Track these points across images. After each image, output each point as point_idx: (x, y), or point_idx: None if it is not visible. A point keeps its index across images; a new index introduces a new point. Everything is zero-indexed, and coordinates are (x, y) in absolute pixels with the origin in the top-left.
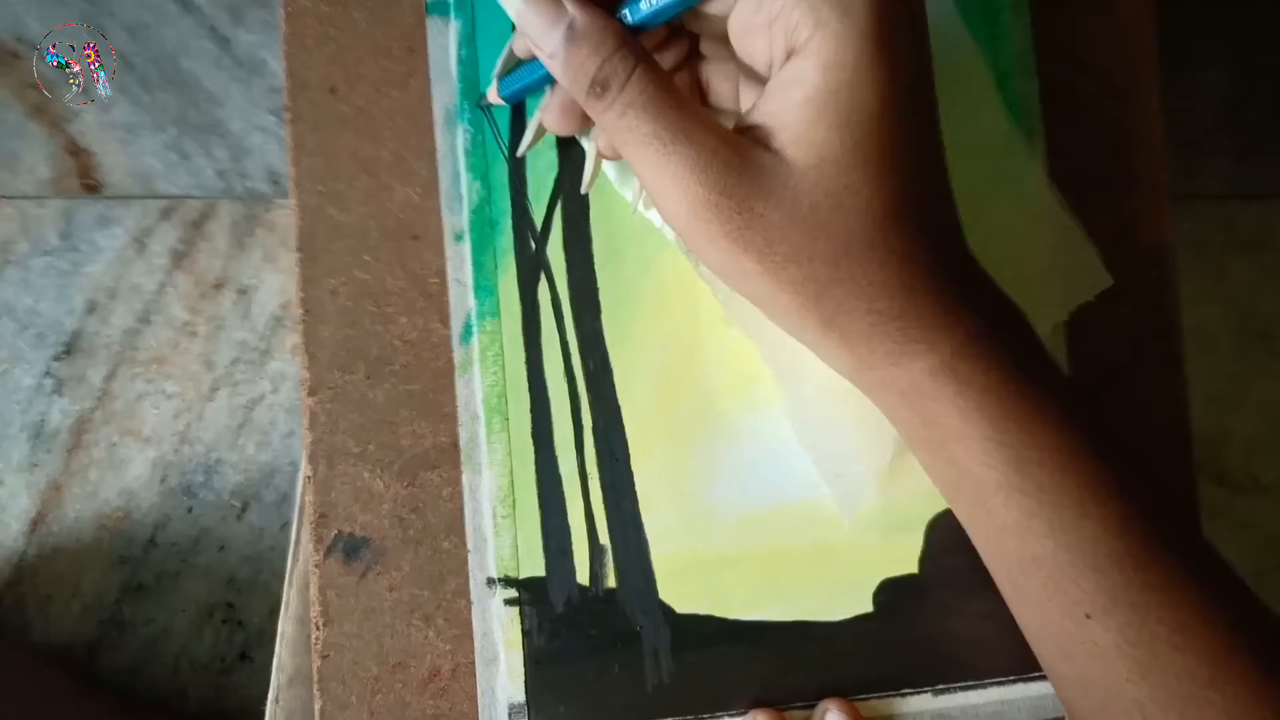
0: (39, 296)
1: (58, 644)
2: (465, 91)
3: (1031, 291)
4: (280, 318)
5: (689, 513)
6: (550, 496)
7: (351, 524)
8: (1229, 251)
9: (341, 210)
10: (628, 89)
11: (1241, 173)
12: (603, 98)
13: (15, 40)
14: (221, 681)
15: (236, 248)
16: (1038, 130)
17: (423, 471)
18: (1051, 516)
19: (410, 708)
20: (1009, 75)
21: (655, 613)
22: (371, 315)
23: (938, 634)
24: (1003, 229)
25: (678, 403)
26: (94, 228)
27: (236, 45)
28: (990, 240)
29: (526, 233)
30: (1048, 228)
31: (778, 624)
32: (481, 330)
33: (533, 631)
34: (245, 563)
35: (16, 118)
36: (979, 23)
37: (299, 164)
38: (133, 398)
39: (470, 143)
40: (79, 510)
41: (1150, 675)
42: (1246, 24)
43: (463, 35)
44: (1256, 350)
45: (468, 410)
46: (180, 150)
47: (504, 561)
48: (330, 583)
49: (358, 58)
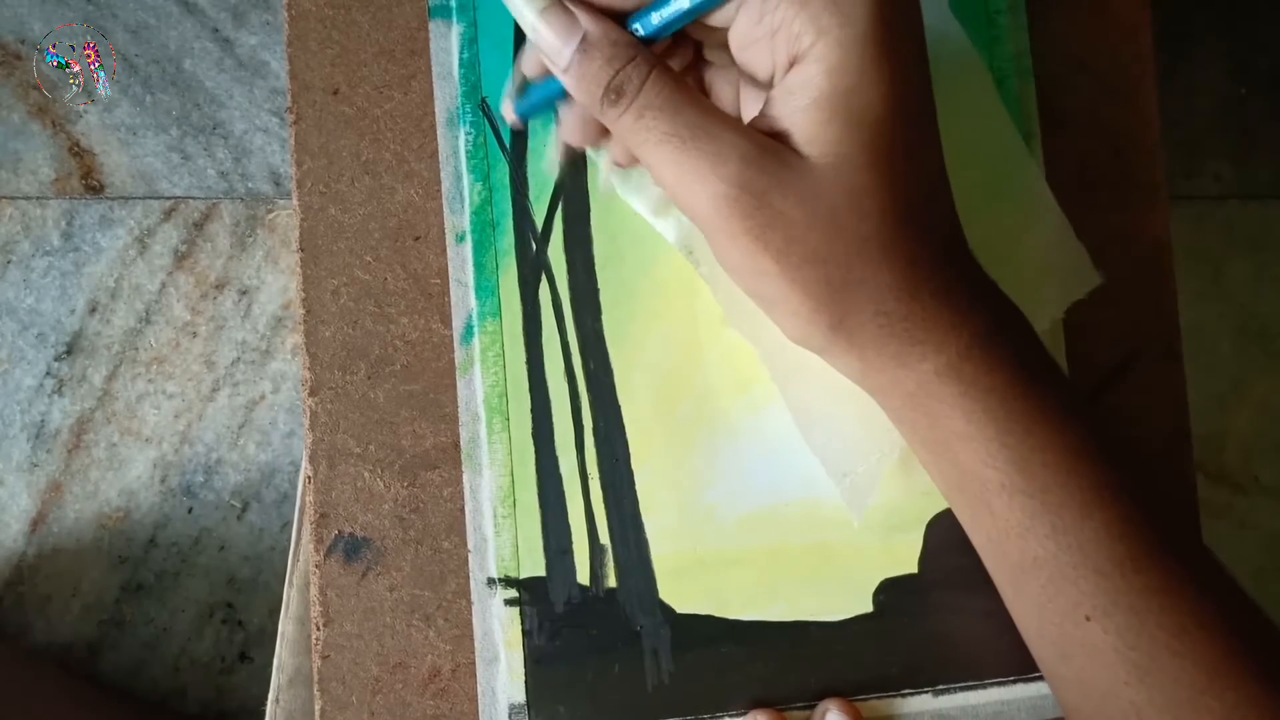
0: (40, 296)
1: (58, 644)
2: (467, 93)
3: (1027, 290)
4: (281, 318)
5: (689, 512)
6: (551, 496)
7: (352, 524)
8: (1228, 251)
9: (343, 211)
10: (644, 92)
11: (1240, 173)
12: (617, 104)
13: (18, 41)
14: (221, 681)
15: (238, 248)
16: (1035, 132)
17: (423, 471)
18: (1054, 518)
19: (410, 708)
20: (1006, 77)
21: (655, 612)
22: (373, 315)
23: (938, 634)
24: (999, 228)
25: (678, 403)
26: (96, 228)
27: (238, 46)
28: (986, 239)
29: (527, 233)
30: (1042, 226)
31: (778, 624)
32: (482, 330)
33: (533, 631)
34: (245, 563)
35: (19, 118)
36: (976, 25)
37: (301, 165)
38: (133, 398)
39: (472, 144)
40: (79, 510)
41: (1148, 679)
42: (1246, 24)
43: (465, 38)
44: (1256, 350)
45: (468, 410)
46: (182, 151)
47: (504, 561)
48: (330, 583)
49: (360, 60)
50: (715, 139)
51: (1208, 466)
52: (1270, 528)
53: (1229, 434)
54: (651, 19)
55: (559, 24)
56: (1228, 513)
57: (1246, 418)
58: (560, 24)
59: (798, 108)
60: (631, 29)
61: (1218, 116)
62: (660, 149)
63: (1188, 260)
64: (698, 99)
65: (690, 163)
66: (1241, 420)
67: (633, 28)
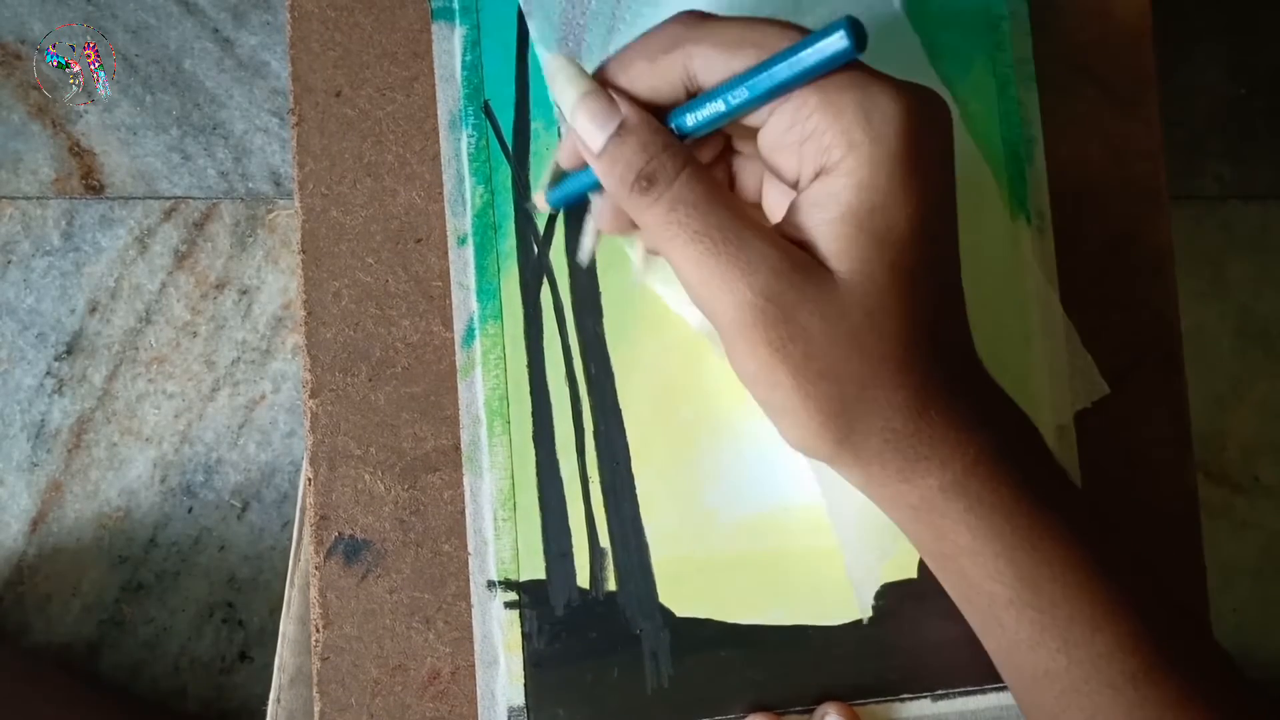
0: (41, 296)
1: (58, 644)
2: (470, 96)
3: (1035, 395)
4: (281, 318)
5: (689, 516)
6: (551, 499)
7: (352, 526)
8: (1228, 252)
9: (345, 213)
10: (677, 185)
11: (1240, 173)
12: (649, 192)
13: (18, 41)
14: (221, 681)
15: (238, 248)
16: (1038, 137)
17: (424, 474)
18: (1064, 632)
19: (410, 710)
20: (1009, 83)
21: (655, 616)
22: (374, 318)
23: (936, 639)
24: (1007, 333)
25: (679, 406)
26: (96, 228)
27: (239, 47)
28: (995, 344)
29: (529, 236)
30: (1050, 333)
31: (777, 628)
32: (484, 333)
33: (533, 634)
34: (245, 562)
35: (19, 118)
36: (979, 32)
37: (303, 166)
38: (133, 397)
39: (474, 146)
40: (79, 510)
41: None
42: (1246, 24)
43: (468, 40)
44: (1256, 350)
45: (469, 413)
46: (182, 151)
47: (504, 564)
48: (330, 585)
49: (363, 62)
50: (746, 246)
51: (1208, 466)
52: (1270, 528)
53: (1229, 434)
54: (687, 120)
55: (599, 107)
56: (1228, 513)
57: (1246, 418)
58: (600, 108)
59: (824, 220)
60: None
61: (1218, 116)
62: (689, 248)
63: (1188, 260)
64: (730, 199)
65: (720, 268)
66: (1241, 420)
67: (669, 125)
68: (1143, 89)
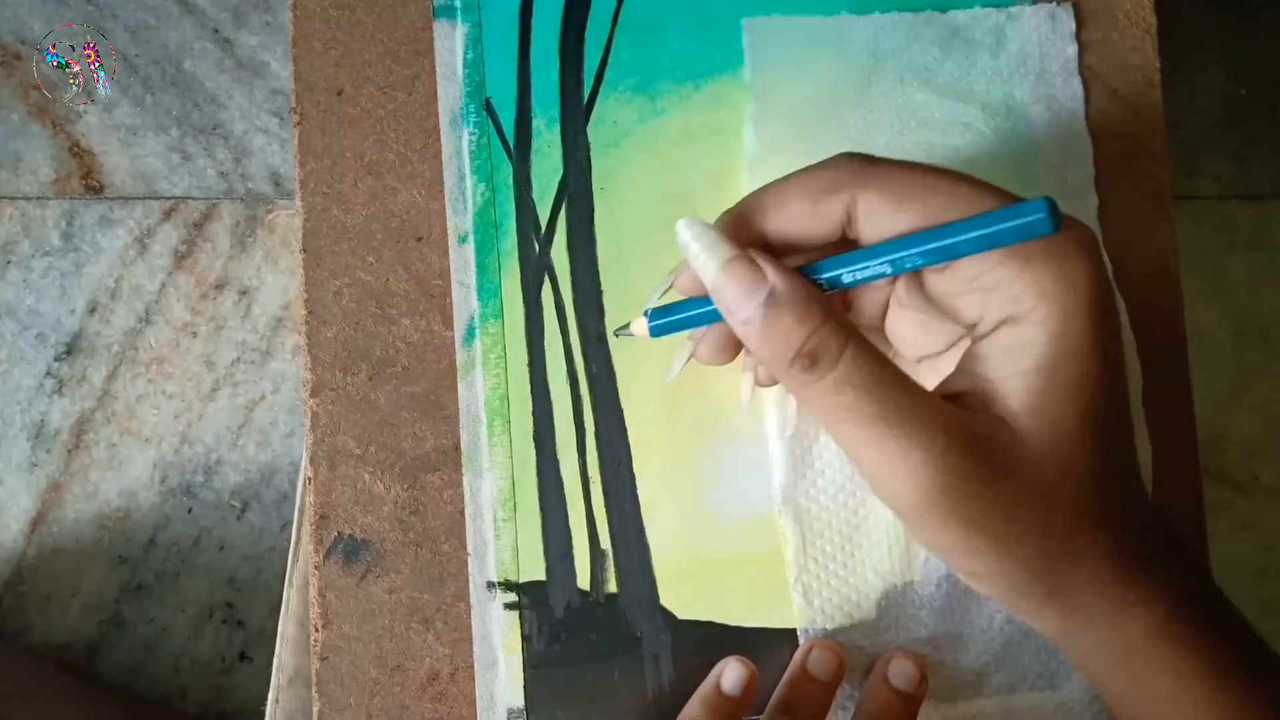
0: (40, 297)
1: (58, 644)
2: (471, 94)
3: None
4: (281, 318)
5: (691, 517)
6: (551, 500)
7: (352, 526)
8: (1228, 252)
9: (346, 212)
10: (842, 364)
11: (1240, 173)
12: (812, 370)
13: (18, 41)
14: (221, 681)
15: (238, 248)
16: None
17: (424, 474)
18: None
19: (409, 711)
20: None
21: (656, 618)
22: (374, 317)
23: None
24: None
25: (680, 407)
26: (96, 228)
27: (239, 47)
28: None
29: (530, 235)
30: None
31: (779, 630)
32: (484, 332)
33: (532, 636)
34: (245, 563)
35: (19, 118)
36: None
37: (305, 165)
38: (133, 398)
39: (475, 145)
40: (79, 510)
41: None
42: (1246, 24)
43: (469, 38)
44: (1256, 350)
45: (469, 413)
46: (182, 151)
47: (504, 565)
48: (329, 585)
49: (364, 60)
50: (925, 425)
51: (1208, 466)
52: (1270, 528)
53: (1229, 434)
54: (843, 277)
55: (745, 274)
56: (1228, 513)
57: (1247, 418)
58: (746, 277)
59: (1017, 370)
60: (816, 281)
61: (1218, 116)
62: (865, 431)
63: (1188, 260)
64: (899, 376)
65: (900, 451)
66: (1242, 420)
67: (818, 279)
68: (1147, 91)
